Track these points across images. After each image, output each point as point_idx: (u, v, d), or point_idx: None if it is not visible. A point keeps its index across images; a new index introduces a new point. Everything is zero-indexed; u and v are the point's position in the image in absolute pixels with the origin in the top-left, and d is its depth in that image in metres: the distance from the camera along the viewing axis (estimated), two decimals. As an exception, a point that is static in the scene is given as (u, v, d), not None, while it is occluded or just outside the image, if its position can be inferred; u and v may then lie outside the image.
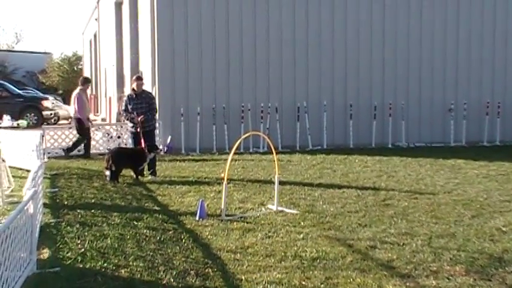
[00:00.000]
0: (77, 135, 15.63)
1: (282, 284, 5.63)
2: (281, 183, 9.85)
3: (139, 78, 12.33)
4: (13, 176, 11.22)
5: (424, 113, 19.06)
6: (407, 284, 5.66)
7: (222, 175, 10.57)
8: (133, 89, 12.24)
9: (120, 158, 11.61)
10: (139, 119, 11.83)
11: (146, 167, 12.08)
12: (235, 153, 9.39)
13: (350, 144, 17.85)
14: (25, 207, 5.73)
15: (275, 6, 17.88)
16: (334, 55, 18.41)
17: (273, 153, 9.51)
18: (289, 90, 18.08)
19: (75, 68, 53.89)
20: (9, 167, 11.41)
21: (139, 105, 12.01)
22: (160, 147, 12.07)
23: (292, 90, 18.12)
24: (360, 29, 18.56)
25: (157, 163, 12.66)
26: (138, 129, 11.95)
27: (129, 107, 12.08)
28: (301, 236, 7.37)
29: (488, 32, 19.36)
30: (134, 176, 11.80)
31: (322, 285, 5.61)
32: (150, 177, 11.99)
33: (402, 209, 8.92)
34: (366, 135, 18.17)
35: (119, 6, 26.24)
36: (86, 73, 45.78)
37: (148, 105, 12.09)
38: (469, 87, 19.31)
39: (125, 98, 12.56)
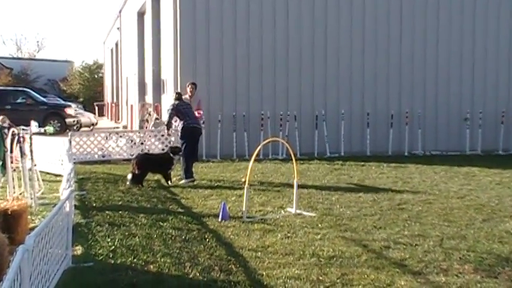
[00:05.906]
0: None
1: (301, 279, 6.03)
2: (299, 188, 10.20)
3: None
4: (42, 180, 11.72)
5: (440, 121, 19.33)
6: (418, 280, 6.04)
7: (243, 180, 11.00)
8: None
9: (144, 163, 12.12)
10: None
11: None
12: (255, 160, 9.79)
13: (367, 152, 18.16)
14: (63, 206, 6.19)
15: (294, 17, 18.29)
16: (352, 64, 18.77)
17: (292, 160, 9.91)
18: (307, 99, 18.47)
19: (96, 76, 54.84)
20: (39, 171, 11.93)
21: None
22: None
23: (311, 99, 18.51)
24: (378, 38, 18.91)
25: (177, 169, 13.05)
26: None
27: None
28: (319, 236, 7.77)
29: (504, 42, 19.65)
30: (165, 180, 12.28)
31: (338, 280, 6.01)
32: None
33: (416, 213, 9.28)
34: (382, 144, 18.46)
35: (141, 15, 26.86)
36: (107, 81, 46.62)
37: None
38: (485, 96, 19.58)
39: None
